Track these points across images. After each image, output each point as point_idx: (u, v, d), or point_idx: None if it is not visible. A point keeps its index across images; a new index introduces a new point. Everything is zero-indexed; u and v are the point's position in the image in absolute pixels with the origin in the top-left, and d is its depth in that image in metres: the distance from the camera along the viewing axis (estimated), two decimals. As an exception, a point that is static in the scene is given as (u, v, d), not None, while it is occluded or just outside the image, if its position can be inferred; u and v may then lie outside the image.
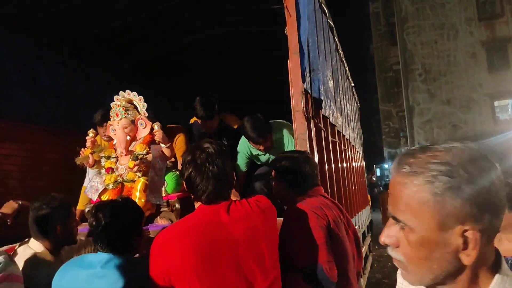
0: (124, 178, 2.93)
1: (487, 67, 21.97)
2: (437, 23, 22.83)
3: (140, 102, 3.09)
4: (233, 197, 1.87)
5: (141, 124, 3.03)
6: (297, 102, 2.87)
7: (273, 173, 2.32)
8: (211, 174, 1.73)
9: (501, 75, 21.64)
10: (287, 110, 3.11)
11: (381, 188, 21.69)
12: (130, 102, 3.09)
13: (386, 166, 30.29)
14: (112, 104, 3.04)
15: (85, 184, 3.67)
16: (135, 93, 3.10)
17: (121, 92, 3.09)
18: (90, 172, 3.55)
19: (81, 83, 5.14)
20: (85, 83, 5.22)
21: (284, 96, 3.22)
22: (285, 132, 3.55)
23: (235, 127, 4.12)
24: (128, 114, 2.98)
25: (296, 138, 2.88)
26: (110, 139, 3.23)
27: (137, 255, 2.02)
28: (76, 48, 4.91)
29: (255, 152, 3.58)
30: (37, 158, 4.28)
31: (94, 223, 1.90)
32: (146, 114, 3.05)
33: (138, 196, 2.86)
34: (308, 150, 2.87)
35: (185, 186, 1.85)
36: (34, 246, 2.21)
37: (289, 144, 3.47)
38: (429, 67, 22.86)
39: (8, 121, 3.99)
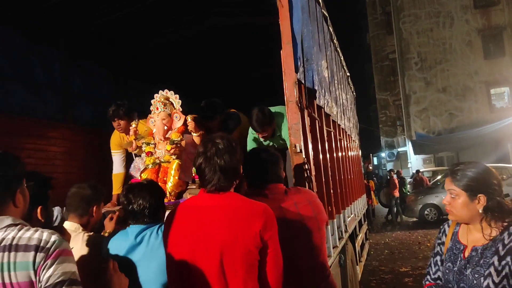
0: (162, 160, 3.60)
1: (483, 54, 21.99)
2: (433, 11, 22.78)
3: (175, 99, 3.70)
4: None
5: (176, 116, 3.66)
6: (290, 92, 2.89)
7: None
8: (218, 167, 1.89)
9: (497, 62, 21.67)
10: (281, 101, 3.15)
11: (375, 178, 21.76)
12: (167, 99, 3.69)
13: (383, 155, 30.38)
14: (152, 101, 3.64)
15: (114, 172, 4.35)
16: (172, 92, 3.70)
17: (160, 91, 3.67)
18: (117, 160, 4.33)
19: (76, 76, 5.14)
20: (80, 76, 5.22)
21: (279, 87, 3.26)
22: (282, 120, 3.85)
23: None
24: (166, 108, 3.62)
25: (289, 128, 2.91)
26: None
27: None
28: (71, 42, 4.91)
29: (257, 137, 3.96)
30: (34, 151, 4.30)
31: (125, 202, 2.30)
32: (181, 109, 3.66)
33: (172, 174, 3.53)
34: (302, 140, 2.90)
35: (195, 173, 2.05)
36: (67, 226, 2.43)
37: (284, 128, 3.80)
38: (425, 55, 22.85)
39: (4, 115, 4.00)
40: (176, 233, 1.92)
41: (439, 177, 16.84)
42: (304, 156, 2.87)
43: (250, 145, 4.01)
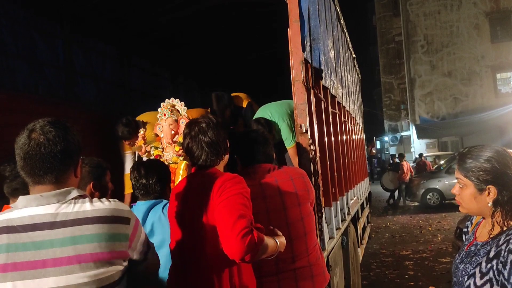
0: (170, 162, 3.83)
1: (490, 38, 21.68)
2: (441, -7, 22.41)
3: (181, 107, 3.96)
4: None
5: (182, 122, 3.89)
6: (297, 71, 2.84)
7: None
8: (204, 143, 2.06)
9: (504, 46, 21.38)
10: (286, 81, 3.10)
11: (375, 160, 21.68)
12: (173, 106, 3.96)
13: (386, 139, 30.31)
14: (159, 108, 3.93)
15: (126, 172, 4.57)
16: (177, 100, 3.97)
17: (166, 100, 3.95)
18: (128, 160, 4.61)
19: (79, 54, 5.08)
20: (83, 54, 5.16)
21: (284, 67, 3.21)
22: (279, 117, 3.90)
23: (245, 105, 4.80)
24: (172, 114, 3.90)
25: (295, 108, 2.86)
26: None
27: None
28: (74, 19, 4.83)
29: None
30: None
31: (136, 176, 2.43)
32: (186, 115, 3.90)
33: (181, 173, 3.73)
34: (308, 120, 2.86)
35: (186, 154, 2.16)
36: None
37: (281, 124, 3.87)
38: (432, 38, 22.55)
39: (7, 91, 3.96)
40: (171, 209, 2.11)
41: (442, 162, 16.81)
42: (309, 137, 2.83)
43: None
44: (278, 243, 1.91)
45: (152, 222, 2.31)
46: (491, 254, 1.63)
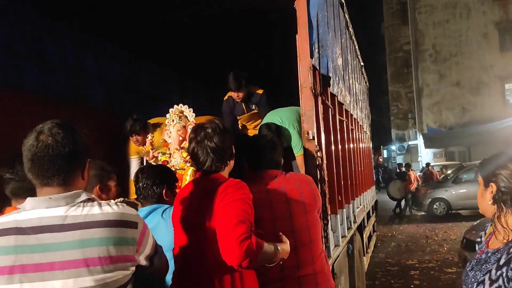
0: (177, 168, 3.82)
1: (499, 48, 21.58)
2: (450, 2, 22.38)
3: (190, 113, 3.97)
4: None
5: (190, 128, 3.81)
6: (305, 78, 2.83)
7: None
8: (210, 149, 2.03)
9: (513, 56, 21.27)
10: (294, 87, 3.10)
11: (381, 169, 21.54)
12: (182, 112, 3.96)
13: (393, 147, 30.18)
14: (168, 114, 3.93)
15: (131, 177, 4.57)
16: (186, 106, 3.97)
17: (175, 106, 3.95)
18: (134, 166, 4.65)
19: (88, 56, 5.10)
20: (92, 56, 5.18)
21: (291, 73, 3.21)
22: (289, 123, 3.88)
23: (260, 92, 4.91)
24: (181, 120, 3.89)
25: (302, 114, 2.86)
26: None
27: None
28: (83, 20, 4.87)
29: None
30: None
31: (134, 180, 2.44)
32: (195, 122, 3.85)
33: (188, 179, 3.70)
34: (315, 127, 2.86)
35: (190, 159, 2.15)
36: None
37: (291, 131, 3.82)
38: (440, 47, 22.50)
39: (16, 92, 3.99)
40: (175, 213, 2.10)
41: (449, 171, 16.68)
42: (316, 144, 2.82)
43: None
44: (279, 250, 1.88)
45: (150, 228, 2.29)
46: (502, 261, 1.63)
